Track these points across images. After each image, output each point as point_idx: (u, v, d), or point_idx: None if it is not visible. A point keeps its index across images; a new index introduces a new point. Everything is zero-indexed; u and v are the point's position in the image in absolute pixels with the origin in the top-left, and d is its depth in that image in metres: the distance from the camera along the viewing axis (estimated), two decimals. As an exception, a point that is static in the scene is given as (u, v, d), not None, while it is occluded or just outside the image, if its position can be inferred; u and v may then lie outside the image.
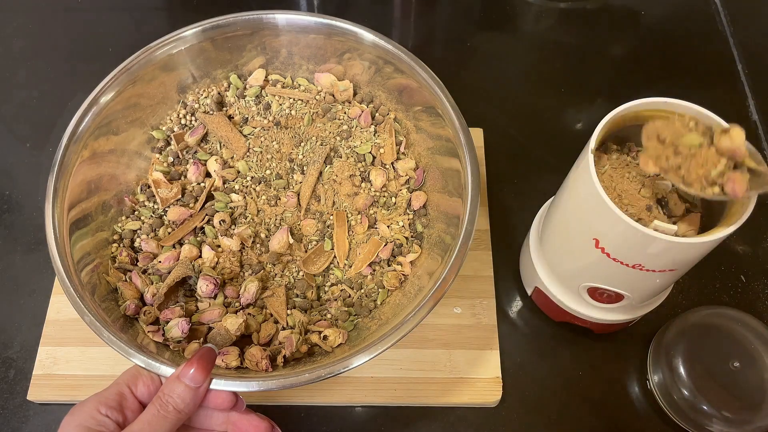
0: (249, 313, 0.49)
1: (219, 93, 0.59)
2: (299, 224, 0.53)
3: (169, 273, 0.49)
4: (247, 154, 0.56)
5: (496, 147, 0.64)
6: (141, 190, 0.54)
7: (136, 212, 0.54)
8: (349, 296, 0.51)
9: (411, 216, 0.55)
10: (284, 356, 0.46)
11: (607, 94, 0.71)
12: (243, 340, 0.49)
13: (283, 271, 0.52)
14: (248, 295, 0.49)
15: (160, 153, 0.57)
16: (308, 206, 0.54)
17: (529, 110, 0.70)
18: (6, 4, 0.77)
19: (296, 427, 0.52)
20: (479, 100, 0.69)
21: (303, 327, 0.49)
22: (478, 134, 0.64)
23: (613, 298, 0.48)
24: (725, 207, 0.42)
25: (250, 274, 0.51)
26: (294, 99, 0.58)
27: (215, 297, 0.49)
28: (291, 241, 0.52)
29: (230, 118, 0.58)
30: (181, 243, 0.52)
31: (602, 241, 0.42)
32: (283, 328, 0.49)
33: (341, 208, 0.54)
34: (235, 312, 0.49)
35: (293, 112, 0.57)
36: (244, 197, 0.54)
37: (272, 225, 0.53)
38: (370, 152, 0.56)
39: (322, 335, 0.48)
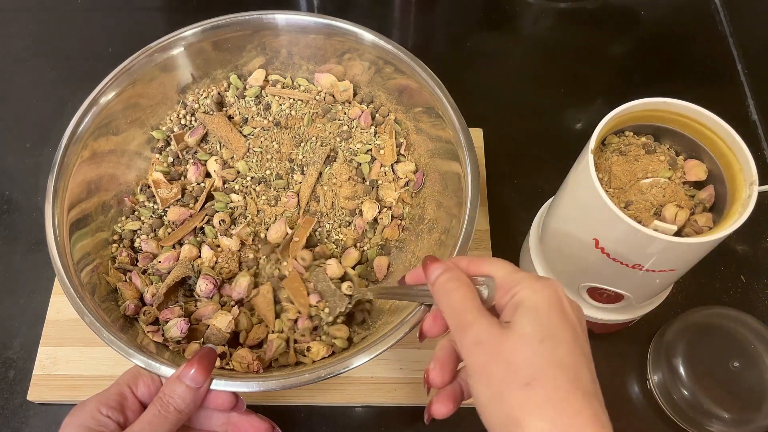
0: (245, 312, 0.49)
1: (219, 93, 0.59)
2: (299, 225, 0.53)
3: (169, 273, 0.49)
4: (247, 154, 0.56)
5: (496, 147, 0.64)
6: (141, 190, 0.54)
7: (136, 212, 0.54)
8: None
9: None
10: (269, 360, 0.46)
11: (607, 94, 0.71)
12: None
13: (276, 264, 0.52)
14: (239, 289, 0.49)
15: (160, 153, 0.57)
16: (308, 207, 0.54)
17: (529, 110, 0.70)
18: (6, 4, 0.77)
19: (297, 427, 0.52)
20: (479, 100, 0.69)
21: (290, 334, 0.48)
22: (478, 134, 0.64)
23: (613, 298, 0.48)
24: (725, 207, 0.42)
25: (246, 270, 0.51)
26: (294, 99, 0.58)
27: (213, 297, 0.49)
28: (289, 231, 0.52)
29: (230, 118, 0.58)
30: (180, 243, 0.52)
31: (602, 241, 0.42)
32: (272, 331, 0.49)
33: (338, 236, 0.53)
34: (229, 310, 0.49)
35: (293, 113, 0.57)
36: (244, 197, 0.54)
37: (272, 225, 0.53)
38: (369, 152, 0.56)
39: (307, 346, 0.47)
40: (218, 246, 0.52)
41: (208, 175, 0.56)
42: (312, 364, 0.46)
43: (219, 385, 0.40)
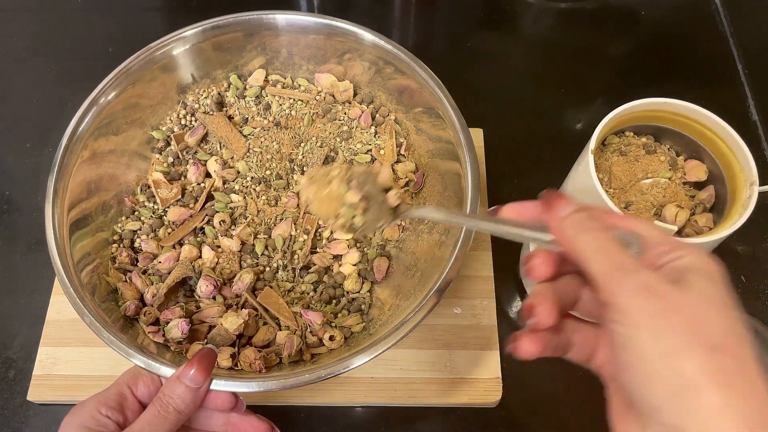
0: (251, 311, 0.49)
1: (219, 93, 0.59)
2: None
3: (169, 273, 0.49)
4: (247, 154, 0.56)
5: (496, 147, 0.64)
6: (141, 190, 0.54)
7: (136, 212, 0.54)
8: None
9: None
10: (280, 358, 0.46)
11: (607, 94, 0.71)
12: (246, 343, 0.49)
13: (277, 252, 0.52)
14: (242, 284, 0.49)
15: (160, 153, 0.57)
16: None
17: (529, 110, 0.70)
18: (6, 4, 0.77)
19: (297, 427, 0.52)
20: (479, 100, 0.69)
21: (303, 329, 0.49)
22: (478, 134, 0.64)
23: (613, 298, 0.48)
24: (725, 208, 0.42)
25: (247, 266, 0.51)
26: (294, 99, 0.58)
27: (215, 298, 0.49)
28: (293, 232, 0.52)
29: (230, 118, 0.58)
30: (181, 243, 0.52)
31: (602, 242, 0.42)
32: (280, 329, 0.49)
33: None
34: (236, 311, 0.49)
35: (293, 113, 0.58)
36: (244, 197, 0.54)
37: (272, 225, 0.53)
38: (369, 152, 0.56)
39: (329, 335, 0.48)
40: (218, 246, 0.52)
41: (208, 175, 0.56)
42: (313, 364, 0.46)
43: (219, 385, 0.40)
